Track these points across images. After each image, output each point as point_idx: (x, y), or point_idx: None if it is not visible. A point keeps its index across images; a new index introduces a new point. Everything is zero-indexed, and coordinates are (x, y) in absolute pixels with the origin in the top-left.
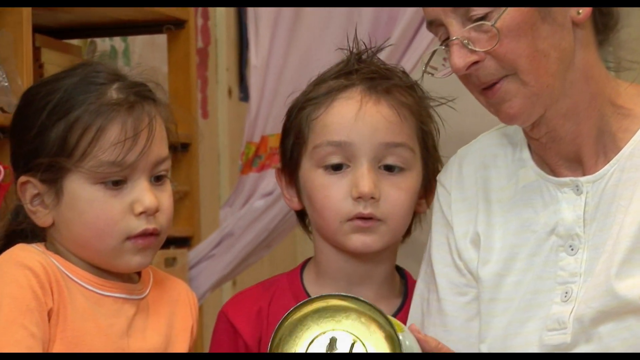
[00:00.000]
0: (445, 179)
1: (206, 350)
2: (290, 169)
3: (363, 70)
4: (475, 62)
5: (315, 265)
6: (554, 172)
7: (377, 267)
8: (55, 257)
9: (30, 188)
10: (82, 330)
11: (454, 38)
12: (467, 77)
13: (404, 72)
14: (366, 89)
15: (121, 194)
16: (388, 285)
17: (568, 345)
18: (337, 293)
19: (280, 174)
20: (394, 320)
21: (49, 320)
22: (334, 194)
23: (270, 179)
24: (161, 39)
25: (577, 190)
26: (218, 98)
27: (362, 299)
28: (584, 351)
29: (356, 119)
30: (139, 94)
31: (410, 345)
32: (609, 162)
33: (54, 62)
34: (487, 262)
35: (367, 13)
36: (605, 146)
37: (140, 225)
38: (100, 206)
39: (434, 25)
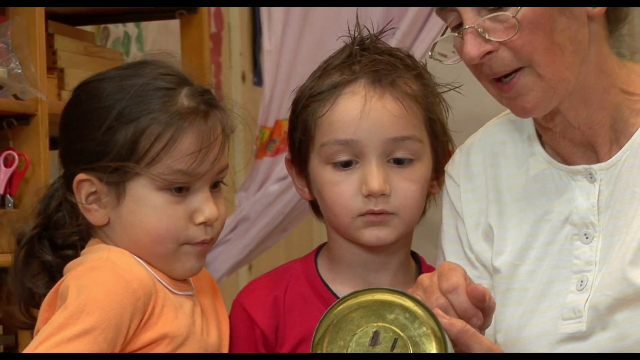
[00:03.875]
0: (453, 170)
1: None
2: (299, 162)
3: (365, 61)
4: (489, 52)
5: (329, 252)
6: (566, 161)
7: (392, 255)
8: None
9: (88, 186)
10: (181, 332)
11: (467, 27)
12: (478, 66)
13: (409, 56)
14: (370, 83)
15: (184, 201)
16: (404, 272)
17: (584, 333)
18: (383, 287)
19: (290, 164)
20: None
21: (134, 334)
22: (344, 191)
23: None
24: (174, 24)
25: (591, 178)
26: (232, 83)
27: (408, 293)
28: (600, 339)
29: (361, 116)
30: (208, 103)
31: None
32: (621, 148)
33: (67, 48)
34: (501, 252)
35: None
36: (618, 133)
37: (200, 235)
38: (164, 212)
39: (444, 10)
